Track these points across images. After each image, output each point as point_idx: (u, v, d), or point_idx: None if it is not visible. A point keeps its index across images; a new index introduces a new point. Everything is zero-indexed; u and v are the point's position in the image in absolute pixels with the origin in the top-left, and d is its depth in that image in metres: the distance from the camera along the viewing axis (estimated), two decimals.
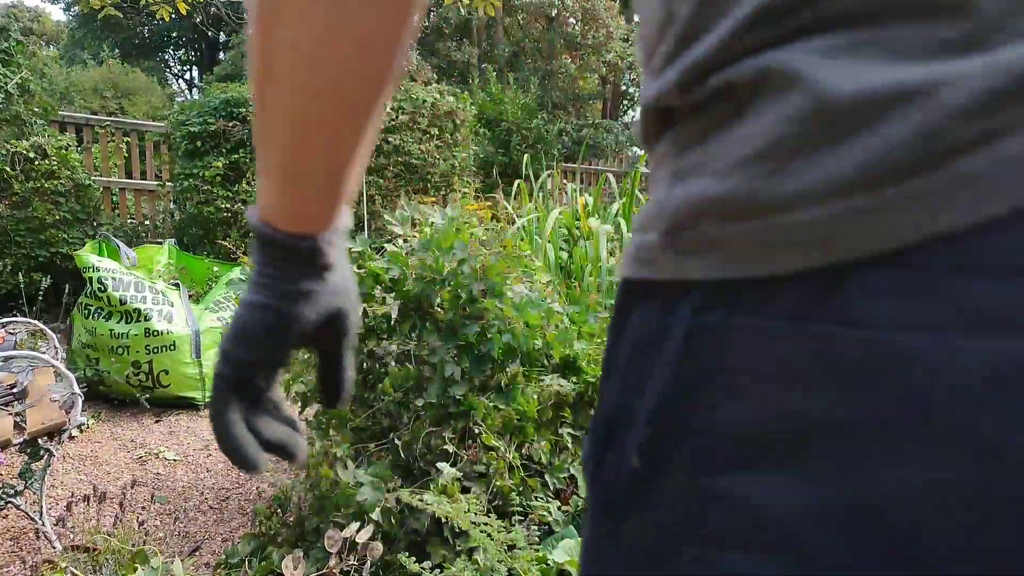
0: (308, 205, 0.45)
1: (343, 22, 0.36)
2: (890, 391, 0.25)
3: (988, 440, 0.24)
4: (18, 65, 4.77)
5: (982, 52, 0.25)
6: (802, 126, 0.27)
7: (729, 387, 0.29)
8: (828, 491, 0.26)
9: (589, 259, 3.76)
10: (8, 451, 1.90)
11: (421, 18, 2.58)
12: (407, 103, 5.58)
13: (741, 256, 0.29)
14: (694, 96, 0.32)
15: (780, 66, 0.28)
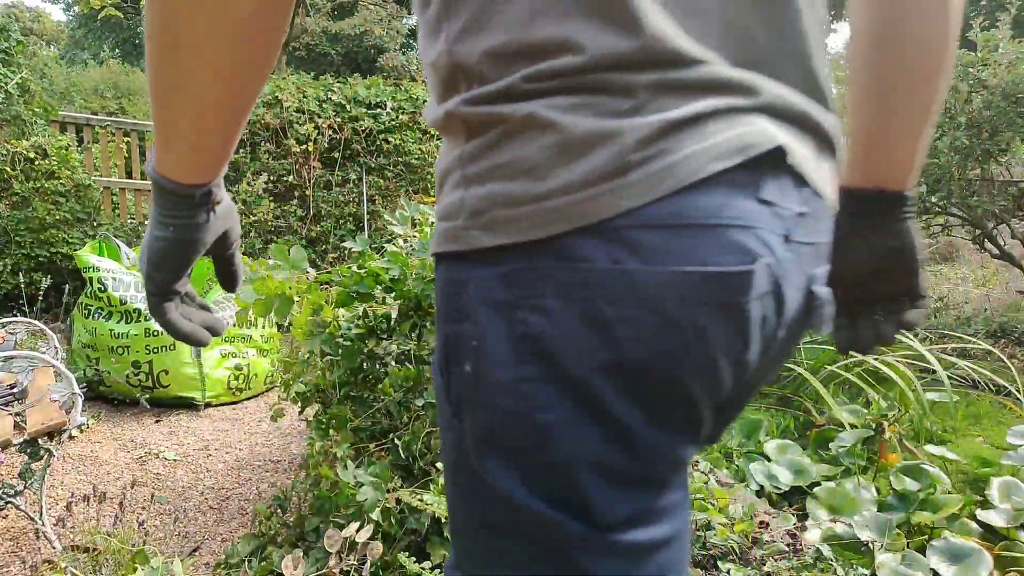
0: (196, 160, 0.59)
1: (221, 19, 0.51)
2: (586, 290, 0.47)
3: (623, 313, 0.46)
4: (18, 65, 4.77)
5: (640, 115, 0.47)
6: (554, 151, 0.47)
7: (531, 306, 0.48)
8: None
9: None
10: (8, 451, 1.90)
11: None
12: (407, 103, 5.58)
13: (523, 228, 0.48)
14: (479, 116, 0.51)
15: (541, 112, 0.48)
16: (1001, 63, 4.50)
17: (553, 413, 0.48)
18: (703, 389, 0.50)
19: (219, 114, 0.57)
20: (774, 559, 1.85)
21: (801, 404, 3.47)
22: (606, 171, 0.46)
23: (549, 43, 0.48)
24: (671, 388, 0.49)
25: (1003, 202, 4.99)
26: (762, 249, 0.49)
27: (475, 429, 0.52)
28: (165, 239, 0.62)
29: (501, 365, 0.49)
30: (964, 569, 1.93)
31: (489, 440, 0.51)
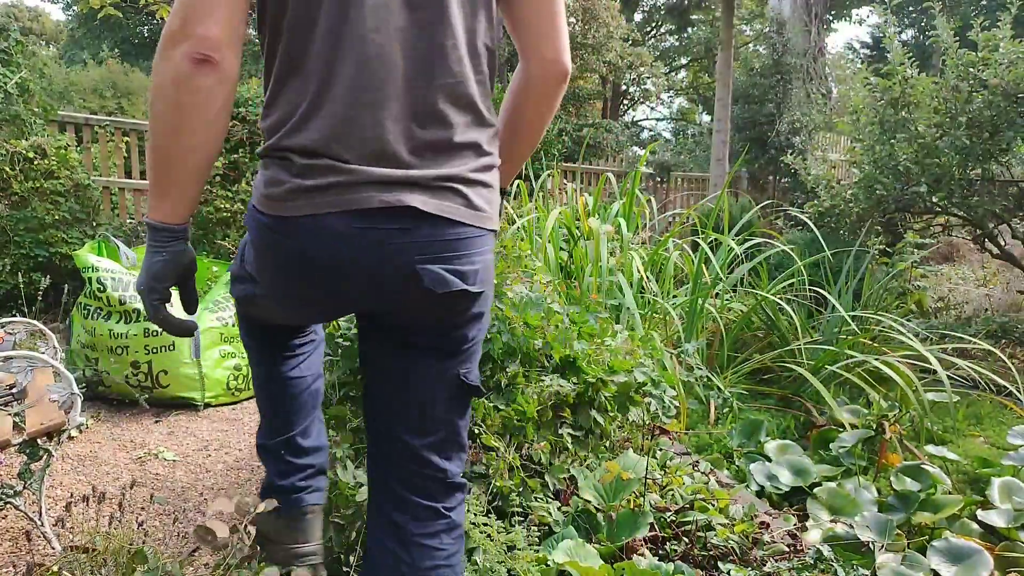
0: (180, 210, 1.01)
1: (205, 114, 0.93)
2: (274, 241, 1.02)
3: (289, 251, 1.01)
4: (18, 65, 4.76)
5: (303, 179, 0.97)
6: (277, 176, 0.99)
7: (274, 243, 1.03)
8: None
9: (589, 259, 3.75)
10: (7, 451, 1.89)
11: None
12: None
13: (280, 208, 0.99)
14: (263, 153, 1.03)
15: (276, 157, 1.00)
16: (1002, 63, 4.49)
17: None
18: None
19: (204, 173, 0.99)
20: (774, 560, 1.85)
21: (802, 405, 3.47)
22: (292, 193, 0.98)
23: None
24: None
25: (1004, 202, 4.99)
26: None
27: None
28: (164, 260, 1.02)
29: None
30: (965, 569, 1.92)
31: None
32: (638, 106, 19.81)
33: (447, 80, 1.00)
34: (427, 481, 1.14)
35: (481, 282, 1.06)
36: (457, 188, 1.02)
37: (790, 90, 9.23)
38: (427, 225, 0.99)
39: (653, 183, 9.86)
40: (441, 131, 1.00)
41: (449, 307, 1.06)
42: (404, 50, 0.97)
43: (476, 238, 1.04)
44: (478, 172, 1.04)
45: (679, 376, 3.14)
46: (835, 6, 16.41)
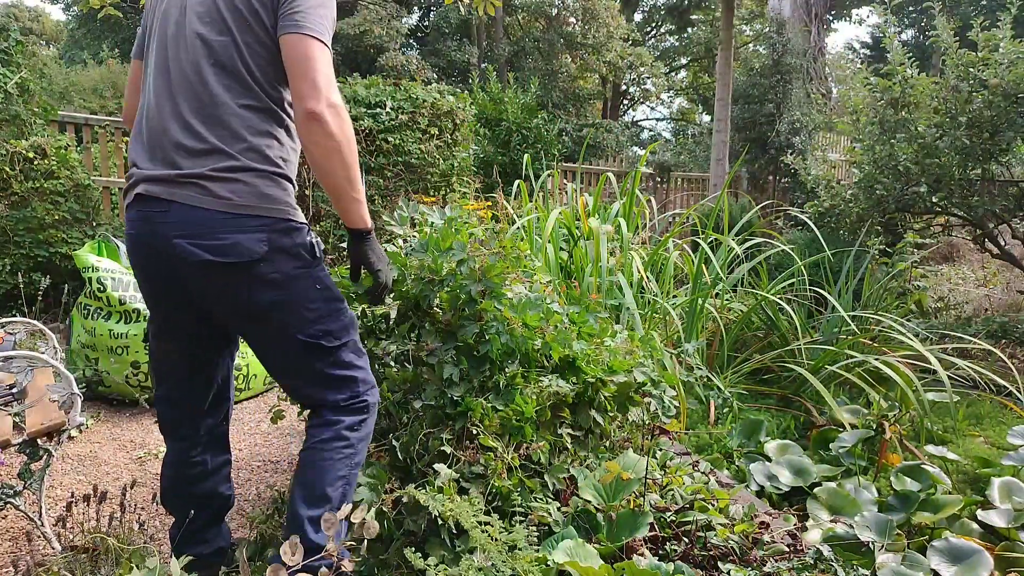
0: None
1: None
2: (139, 250, 1.51)
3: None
4: (18, 65, 4.76)
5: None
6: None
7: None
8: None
9: (589, 259, 3.75)
10: (7, 451, 1.89)
11: (421, 18, 2.57)
12: (407, 103, 5.57)
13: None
14: None
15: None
16: (1002, 63, 4.49)
17: None
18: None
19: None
20: (774, 560, 1.85)
21: (802, 405, 3.47)
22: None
23: None
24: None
25: (1004, 202, 4.99)
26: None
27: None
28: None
29: None
30: (965, 569, 1.92)
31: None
32: (638, 106, 19.82)
33: (198, 104, 1.41)
34: (302, 399, 1.62)
35: (226, 254, 1.38)
36: (200, 183, 1.38)
37: (790, 90, 9.22)
38: (177, 209, 1.39)
39: (653, 183, 9.86)
40: (195, 142, 1.39)
41: (215, 277, 1.41)
42: (176, 83, 1.43)
43: (223, 219, 1.38)
44: (223, 171, 1.38)
45: (679, 376, 3.14)
46: (835, 6, 16.40)
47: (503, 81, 11.35)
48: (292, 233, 1.44)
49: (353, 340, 1.54)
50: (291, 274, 1.44)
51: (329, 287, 1.50)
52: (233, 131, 1.41)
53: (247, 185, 1.40)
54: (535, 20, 13.98)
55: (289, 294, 1.44)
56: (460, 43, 14.10)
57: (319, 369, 1.49)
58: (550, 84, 12.88)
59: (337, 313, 1.50)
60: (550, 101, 12.44)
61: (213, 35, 1.42)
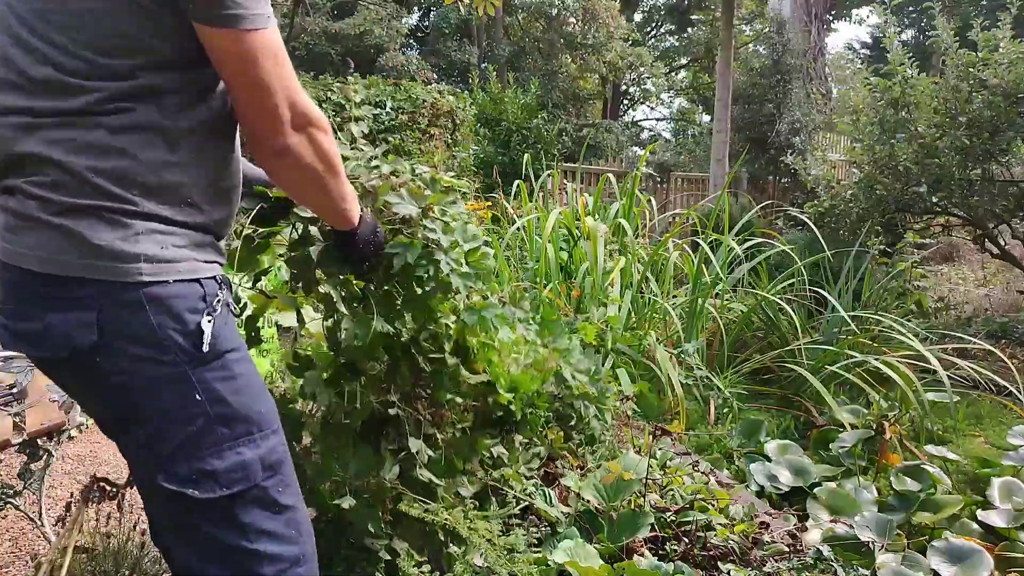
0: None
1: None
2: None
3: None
4: None
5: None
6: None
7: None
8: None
9: (587, 259, 3.75)
10: (7, 451, 1.89)
11: (421, 18, 2.59)
12: (407, 103, 5.57)
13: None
14: None
15: None
16: (1002, 63, 4.49)
17: None
18: None
19: None
20: (774, 560, 1.85)
21: (802, 405, 3.47)
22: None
23: None
24: None
25: (1004, 202, 4.99)
26: None
27: None
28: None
29: None
30: (965, 569, 1.92)
31: None
32: (638, 106, 19.84)
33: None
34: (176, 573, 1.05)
35: (37, 345, 0.92)
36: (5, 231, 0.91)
37: (790, 90, 9.23)
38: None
39: (653, 183, 9.86)
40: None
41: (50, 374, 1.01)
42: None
43: (30, 287, 0.90)
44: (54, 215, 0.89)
45: (679, 376, 3.14)
46: (835, 6, 16.40)
47: (503, 81, 11.35)
48: (149, 307, 0.89)
49: (261, 488, 0.97)
50: (148, 378, 0.91)
51: (223, 399, 0.94)
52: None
53: (59, 231, 0.88)
54: (535, 20, 13.97)
55: (143, 410, 0.93)
56: (460, 43, 14.09)
57: (195, 529, 0.97)
58: (550, 84, 12.88)
59: (234, 443, 0.95)
60: (550, 101, 12.43)
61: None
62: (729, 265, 4.35)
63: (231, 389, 0.95)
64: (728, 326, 3.87)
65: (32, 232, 0.88)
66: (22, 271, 0.89)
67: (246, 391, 0.97)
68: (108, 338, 0.88)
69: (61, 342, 0.89)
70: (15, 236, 0.89)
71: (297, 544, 1.01)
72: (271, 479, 0.98)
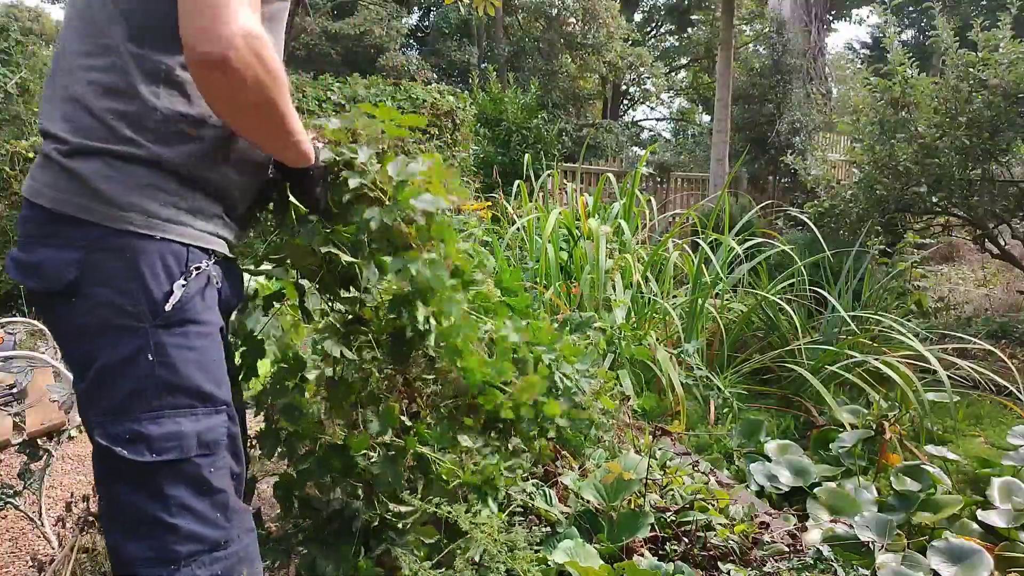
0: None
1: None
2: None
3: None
4: (17, 65, 4.76)
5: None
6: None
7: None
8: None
9: (588, 260, 3.75)
10: (7, 451, 1.89)
11: (421, 18, 2.57)
12: (407, 103, 5.58)
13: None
14: None
15: None
16: (1002, 63, 4.49)
17: None
18: None
19: None
20: (774, 560, 1.85)
21: (802, 405, 3.47)
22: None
23: None
24: None
25: (1004, 202, 4.99)
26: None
27: None
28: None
29: None
30: (965, 569, 1.92)
31: None
32: (638, 106, 19.83)
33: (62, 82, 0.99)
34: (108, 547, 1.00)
35: (28, 276, 0.94)
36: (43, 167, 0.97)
37: (790, 90, 9.23)
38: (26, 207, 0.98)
39: (653, 183, 9.86)
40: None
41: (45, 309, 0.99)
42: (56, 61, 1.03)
43: (41, 222, 0.95)
44: (62, 156, 0.94)
45: (679, 377, 3.14)
46: (835, 6, 16.40)
47: (503, 81, 11.34)
48: (131, 257, 0.92)
49: (193, 464, 0.96)
50: (108, 325, 0.92)
51: (173, 365, 0.94)
52: (84, 106, 0.96)
53: (69, 174, 0.93)
54: (535, 20, 13.97)
55: (95, 356, 0.93)
56: (460, 43, 14.09)
57: (117, 494, 0.96)
58: (550, 84, 12.88)
59: (173, 411, 0.94)
60: (550, 101, 12.43)
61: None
62: (729, 265, 4.35)
63: (184, 359, 0.95)
64: (728, 326, 3.87)
65: (48, 170, 0.95)
66: (34, 206, 0.95)
67: (199, 365, 0.97)
68: (86, 279, 0.92)
69: (50, 276, 0.93)
70: (38, 172, 0.97)
71: (221, 529, 0.98)
72: (205, 458, 0.97)
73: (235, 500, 1.03)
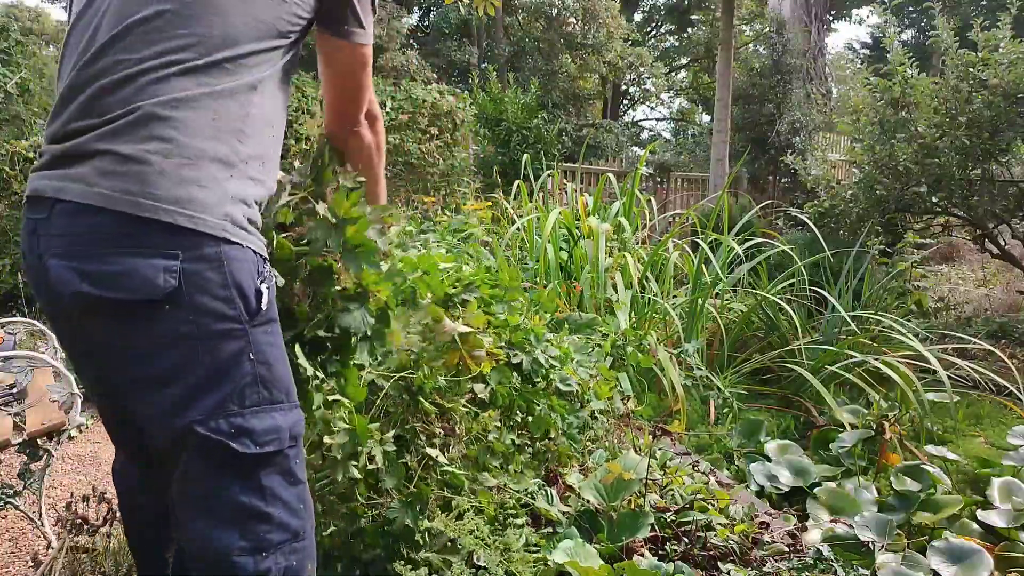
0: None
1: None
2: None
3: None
4: (17, 65, 4.76)
5: None
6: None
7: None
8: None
9: (589, 259, 3.75)
10: (7, 451, 1.89)
11: (421, 18, 2.57)
12: (407, 103, 5.57)
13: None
14: None
15: None
16: (1002, 63, 4.49)
17: None
18: None
19: None
20: (774, 560, 1.85)
21: (802, 405, 3.47)
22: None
23: None
24: None
25: (1004, 202, 4.99)
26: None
27: None
28: None
29: None
30: (965, 569, 1.92)
31: None
32: (638, 106, 19.82)
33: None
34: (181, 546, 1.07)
35: (111, 287, 0.91)
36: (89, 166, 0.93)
37: (790, 90, 9.23)
38: (59, 211, 0.94)
39: (653, 183, 9.86)
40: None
41: (92, 319, 0.96)
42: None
43: (113, 230, 0.91)
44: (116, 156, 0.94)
45: (679, 377, 3.14)
46: (835, 6, 16.41)
47: (503, 81, 11.34)
48: (226, 263, 0.95)
49: (285, 456, 1.01)
50: (210, 329, 0.94)
51: (268, 362, 0.99)
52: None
53: (149, 171, 0.92)
54: (535, 20, 13.96)
55: (193, 362, 0.95)
56: (460, 43, 14.09)
57: (213, 487, 0.98)
58: (550, 84, 12.87)
59: (271, 406, 0.99)
60: (550, 101, 12.43)
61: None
62: (729, 265, 4.35)
63: (274, 356, 1.02)
64: (728, 326, 3.87)
65: (131, 177, 0.91)
66: (111, 213, 0.91)
67: (283, 361, 1.04)
68: (185, 287, 0.92)
69: (140, 285, 0.90)
70: (109, 180, 0.92)
71: (301, 518, 1.04)
72: (293, 449, 1.03)
73: (308, 490, 1.08)
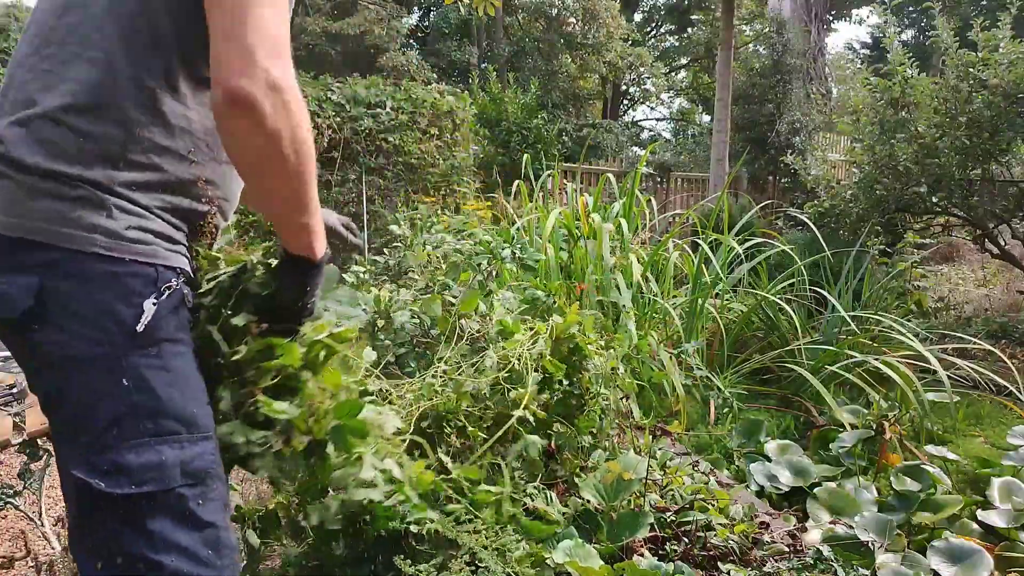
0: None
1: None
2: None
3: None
4: None
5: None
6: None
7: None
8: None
9: (590, 259, 3.75)
10: (7, 451, 1.89)
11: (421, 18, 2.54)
12: (407, 103, 5.57)
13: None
14: None
15: None
16: (1001, 63, 4.49)
17: None
18: None
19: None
20: (774, 560, 1.85)
21: (802, 405, 3.47)
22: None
23: None
24: None
25: (1004, 202, 4.99)
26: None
27: None
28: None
29: None
30: (965, 569, 1.92)
31: None
32: (638, 106, 19.84)
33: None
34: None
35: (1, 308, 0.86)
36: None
37: (790, 90, 9.23)
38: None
39: (653, 183, 9.86)
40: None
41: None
42: None
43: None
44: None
45: (679, 377, 3.14)
46: (835, 6, 16.41)
47: (503, 81, 11.34)
48: (96, 281, 0.86)
49: (177, 495, 0.88)
50: (77, 355, 0.86)
51: (151, 389, 0.88)
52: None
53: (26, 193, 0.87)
54: (535, 20, 13.96)
55: (68, 389, 0.87)
56: (460, 43, 14.09)
57: (97, 527, 0.89)
58: (550, 84, 12.87)
59: (156, 439, 0.88)
60: (550, 101, 12.43)
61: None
62: (729, 265, 4.35)
63: (163, 381, 0.89)
64: (728, 326, 3.87)
65: (6, 194, 0.88)
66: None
67: (179, 387, 0.90)
68: (46, 306, 0.84)
69: (7, 305, 0.85)
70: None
71: (212, 568, 0.91)
72: (191, 488, 0.90)
73: (228, 535, 0.95)
